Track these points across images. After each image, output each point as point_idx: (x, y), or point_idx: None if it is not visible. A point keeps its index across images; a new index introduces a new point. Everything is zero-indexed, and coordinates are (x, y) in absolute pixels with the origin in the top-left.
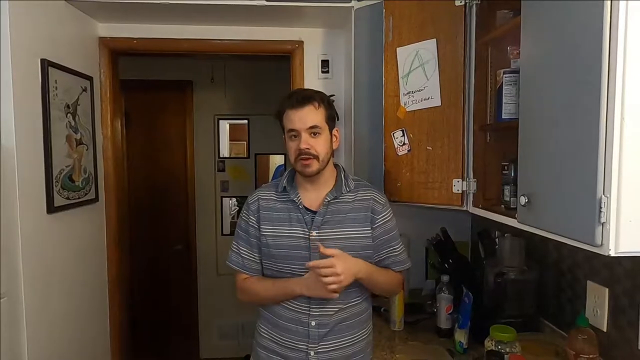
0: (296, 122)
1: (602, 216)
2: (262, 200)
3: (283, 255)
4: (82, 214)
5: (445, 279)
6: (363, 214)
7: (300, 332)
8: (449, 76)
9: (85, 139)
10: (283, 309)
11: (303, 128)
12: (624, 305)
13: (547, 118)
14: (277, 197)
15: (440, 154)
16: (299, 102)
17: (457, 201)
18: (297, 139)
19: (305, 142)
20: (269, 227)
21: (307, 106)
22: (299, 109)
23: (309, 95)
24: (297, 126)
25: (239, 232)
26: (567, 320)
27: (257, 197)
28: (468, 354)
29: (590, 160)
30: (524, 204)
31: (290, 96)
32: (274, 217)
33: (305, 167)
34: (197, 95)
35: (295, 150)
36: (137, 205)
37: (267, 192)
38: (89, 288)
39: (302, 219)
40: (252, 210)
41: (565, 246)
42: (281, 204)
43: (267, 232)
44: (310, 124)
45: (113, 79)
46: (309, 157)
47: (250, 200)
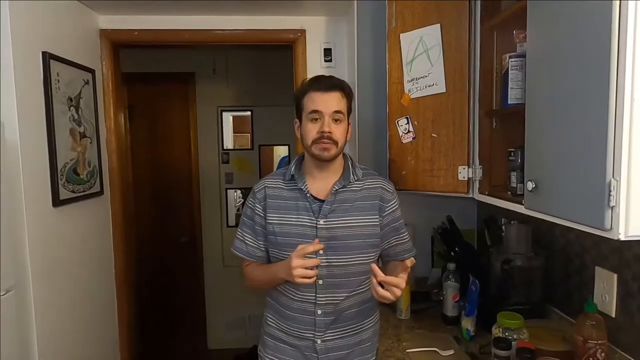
0: (321, 104)
1: (612, 200)
2: (268, 189)
3: (289, 243)
4: (87, 207)
5: (452, 267)
6: (371, 203)
7: (307, 320)
8: (453, 62)
9: (89, 132)
10: (289, 299)
11: (327, 112)
12: (634, 291)
13: (554, 101)
14: (284, 185)
15: (446, 141)
16: (328, 86)
17: (463, 188)
18: (319, 122)
19: (328, 125)
20: (275, 215)
21: (335, 92)
22: (325, 93)
23: (338, 82)
24: (322, 108)
25: (244, 220)
26: (575, 306)
27: (263, 185)
28: (475, 341)
29: (600, 143)
30: (531, 189)
31: (317, 79)
32: (281, 205)
33: (324, 151)
34: (199, 86)
35: (315, 133)
36: (141, 198)
37: (274, 180)
38: (96, 281)
39: (310, 208)
40: (258, 198)
41: (572, 232)
42: (288, 192)
43: (274, 220)
44: (335, 109)
45: (115, 71)
46: (329, 141)
47: (256, 189)
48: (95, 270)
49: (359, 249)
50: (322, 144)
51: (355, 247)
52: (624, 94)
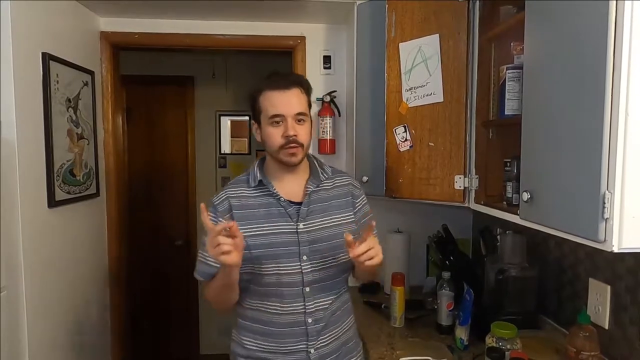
0: (282, 106)
1: (606, 212)
2: (232, 199)
3: (268, 255)
4: (83, 209)
5: (446, 275)
6: (344, 200)
7: (298, 333)
8: (451, 72)
9: (87, 133)
10: (275, 315)
11: (290, 114)
12: (626, 303)
13: (550, 114)
14: (250, 192)
15: (442, 150)
16: (285, 84)
17: (459, 197)
18: (282, 126)
19: (292, 128)
20: (245, 227)
21: (294, 89)
22: (284, 92)
23: (296, 78)
24: (283, 111)
25: (204, 240)
26: (568, 317)
27: (224, 196)
28: (468, 350)
29: (594, 156)
30: (526, 200)
31: (273, 76)
32: (249, 215)
33: (292, 157)
34: (198, 90)
35: (280, 138)
36: (137, 200)
37: (236, 189)
38: (89, 283)
39: (286, 213)
40: (220, 211)
41: (567, 243)
42: (256, 199)
43: (245, 233)
44: (298, 110)
45: (114, 73)
46: (295, 145)
47: (216, 201)
48: (90, 272)
49: (341, 248)
50: (289, 149)
51: (337, 247)
52: (618, 108)
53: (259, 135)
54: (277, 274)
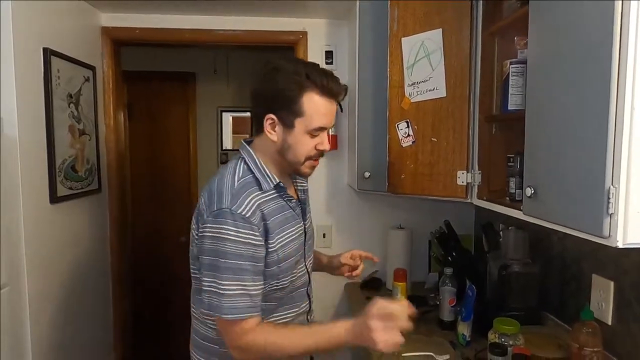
0: (329, 117)
1: (611, 207)
2: (262, 207)
3: (290, 265)
4: (85, 205)
5: (449, 271)
6: (308, 192)
7: None
8: (454, 67)
9: (88, 129)
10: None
11: (330, 126)
12: (630, 299)
13: (555, 108)
14: (266, 197)
15: (445, 145)
16: (338, 93)
17: (462, 193)
18: (318, 138)
19: (327, 142)
20: (278, 237)
21: (337, 100)
22: (332, 101)
23: (342, 87)
24: (328, 123)
25: (240, 264)
26: (571, 313)
27: (254, 203)
28: (471, 346)
29: (599, 151)
30: (530, 195)
31: (326, 76)
32: (277, 223)
33: (314, 168)
34: (199, 86)
35: (312, 149)
36: (140, 197)
37: (257, 194)
38: (92, 279)
39: (295, 214)
40: (255, 225)
41: (570, 239)
42: (275, 203)
43: (278, 244)
44: (334, 123)
45: (115, 69)
46: (321, 157)
47: (246, 212)
48: (92, 268)
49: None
50: (315, 162)
51: (314, 239)
52: (624, 102)
53: (275, 135)
54: (292, 281)
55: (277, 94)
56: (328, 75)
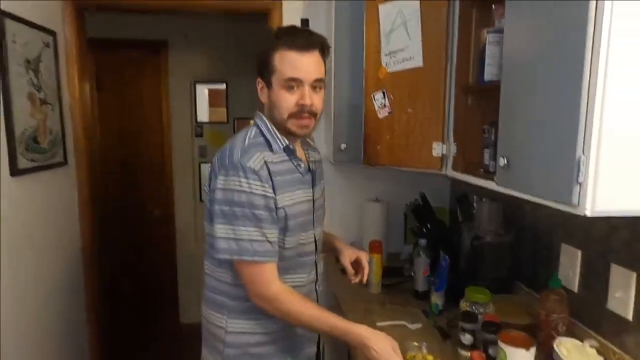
0: (300, 69)
1: (580, 176)
2: (269, 164)
3: (296, 225)
4: (50, 178)
5: (423, 242)
6: (321, 169)
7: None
8: (431, 36)
9: (50, 98)
10: (298, 288)
11: (308, 79)
12: (597, 267)
13: (529, 77)
14: (275, 158)
15: (421, 116)
16: (307, 44)
17: (437, 165)
18: (298, 91)
19: (308, 97)
20: (284, 196)
21: (314, 52)
22: (305, 53)
23: (318, 38)
24: (302, 75)
25: (255, 213)
26: (541, 282)
27: (262, 159)
28: (443, 315)
29: (571, 120)
30: (502, 165)
31: (293, 33)
32: (285, 182)
33: (303, 128)
34: (172, 56)
35: (293, 105)
36: (111, 170)
37: (266, 153)
38: (61, 254)
39: (304, 180)
40: (264, 177)
41: (542, 210)
42: (282, 165)
43: (285, 201)
44: (316, 76)
45: (79, 35)
46: (308, 115)
47: (255, 165)
48: (61, 244)
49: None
50: (302, 119)
51: (324, 214)
52: (597, 69)
53: (264, 96)
54: (300, 244)
55: (257, 58)
56: (298, 31)
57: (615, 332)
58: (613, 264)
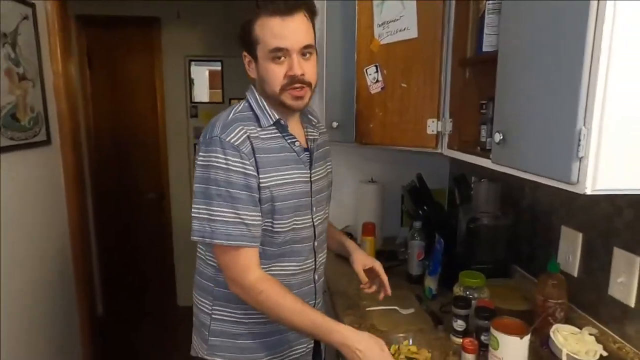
0: (286, 37)
1: (581, 150)
2: (253, 140)
3: (287, 207)
4: (32, 157)
5: (418, 225)
6: (327, 148)
7: (308, 292)
8: (427, 4)
9: (30, 74)
10: (290, 277)
11: (295, 47)
12: (598, 250)
13: (528, 47)
14: (264, 134)
15: (416, 91)
16: (289, 7)
17: (431, 143)
18: (286, 61)
19: (298, 66)
20: (270, 175)
21: (298, 14)
22: (287, 18)
23: (299, 2)
24: (287, 44)
25: (231, 192)
26: (539, 266)
27: (244, 133)
28: (437, 300)
29: (572, 87)
30: (498, 141)
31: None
32: (272, 161)
33: (298, 100)
34: (165, 33)
35: (281, 77)
36: (104, 151)
37: (251, 128)
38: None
39: (300, 159)
40: (245, 153)
41: (541, 190)
42: (271, 142)
43: (270, 181)
44: (305, 42)
45: (61, 8)
46: (302, 85)
47: (235, 139)
48: (46, 224)
49: (329, 199)
50: (295, 90)
51: (328, 198)
52: (602, 30)
53: (253, 71)
54: (294, 229)
55: (240, 31)
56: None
57: (616, 319)
58: (616, 247)
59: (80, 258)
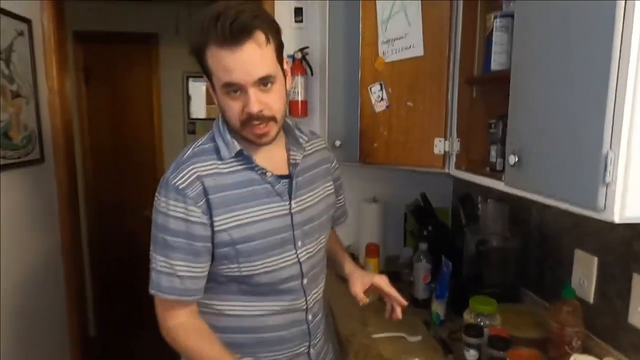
0: (235, 70)
1: (608, 175)
2: (204, 178)
3: (256, 249)
4: (24, 176)
5: (424, 247)
6: (325, 167)
7: (299, 334)
8: (433, 22)
9: (25, 91)
10: (272, 317)
11: (249, 81)
12: (615, 275)
13: (546, 62)
14: (223, 167)
15: (422, 110)
16: (235, 36)
17: (439, 163)
18: (241, 96)
19: (256, 101)
20: (227, 216)
21: (249, 44)
22: (235, 49)
23: (251, 22)
24: (238, 78)
25: (167, 240)
26: (549, 289)
27: (193, 174)
28: (445, 326)
29: (596, 108)
30: (513, 163)
31: (215, 20)
32: (230, 199)
33: (261, 137)
34: (163, 49)
35: (239, 113)
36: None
37: (205, 164)
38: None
39: (274, 191)
40: (191, 198)
41: (550, 211)
42: (233, 176)
43: (227, 224)
44: (261, 74)
45: (58, 24)
46: (263, 121)
47: (181, 183)
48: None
49: (327, 224)
50: (255, 128)
51: (324, 224)
52: (629, 47)
53: (215, 98)
54: (273, 270)
55: (192, 54)
56: (221, 17)
57: (638, 348)
58: (635, 273)
59: (73, 278)
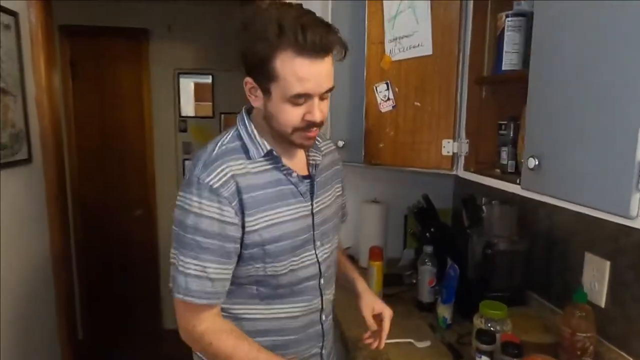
0: (311, 81)
1: None
2: (239, 178)
3: (283, 249)
4: (11, 176)
5: (429, 250)
6: (336, 168)
7: (313, 335)
8: (442, 20)
9: (12, 87)
10: (290, 320)
11: (318, 92)
12: (629, 279)
13: (571, 64)
14: (253, 167)
15: (430, 110)
16: (323, 47)
17: (447, 164)
18: (305, 105)
19: (319, 111)
20: (259, 217)
21: (328, 58)
22: (317, 61)
23: (336, 37)
24: (312, 89)
25: (199, 241)
26: (557, 292)
27: (228, 173)
28: (452, 329)
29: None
30: (532, 167)
31: (303, 27)
32: (262, 199)
33: (310, 140)
34: (153, 46)
35: (298, 119)
36: (90, 167)
37: (238, 163)
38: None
39: (298, 191)
40: (225, 197)
41: (559, 214)
42: (261, 176)
43: (258, 224)
44: (330, 86)
45: (46, 18)
46: (317, 128)
47: (215, 182)
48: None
49: (339, 225)
50: (309, 133)
51: (337, 225)
52: None
53: (257, 100)
54: (293, 270)
55: (247, 53)
56: (308, 27)
57: None
58: None
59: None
